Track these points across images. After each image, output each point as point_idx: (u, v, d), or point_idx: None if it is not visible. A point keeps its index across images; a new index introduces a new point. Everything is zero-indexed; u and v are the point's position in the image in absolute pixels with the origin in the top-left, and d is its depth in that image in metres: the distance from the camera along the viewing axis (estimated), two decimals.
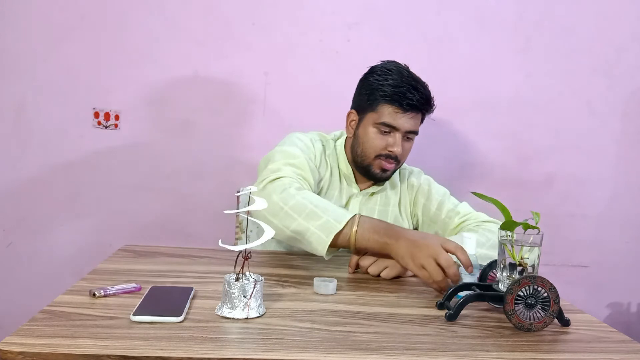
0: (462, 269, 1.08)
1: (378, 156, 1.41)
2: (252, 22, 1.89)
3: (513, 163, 2.04)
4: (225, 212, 1.09)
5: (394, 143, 1.39)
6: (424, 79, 1.42)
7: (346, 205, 1.48)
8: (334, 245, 1.15)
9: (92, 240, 1.90)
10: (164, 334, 0.81)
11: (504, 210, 1.02)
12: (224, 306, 0.90)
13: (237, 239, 1.69)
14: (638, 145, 2.08)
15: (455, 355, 0.82)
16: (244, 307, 0.89)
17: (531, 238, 0.98)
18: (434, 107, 1.42)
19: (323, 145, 1.50)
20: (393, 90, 1.36)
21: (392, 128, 1.38)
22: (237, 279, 0.91)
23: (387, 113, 1.37)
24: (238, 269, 0.92)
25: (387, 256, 1.18)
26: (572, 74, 2.00)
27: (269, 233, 0.93)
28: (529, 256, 0.98)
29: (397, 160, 1.42)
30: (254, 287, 0.90)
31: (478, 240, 1.27)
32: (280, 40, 1.90)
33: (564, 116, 2.03)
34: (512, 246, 0.98)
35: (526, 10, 1.96)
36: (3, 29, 1.82)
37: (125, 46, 1.86)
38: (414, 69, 1.43)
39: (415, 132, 1.42)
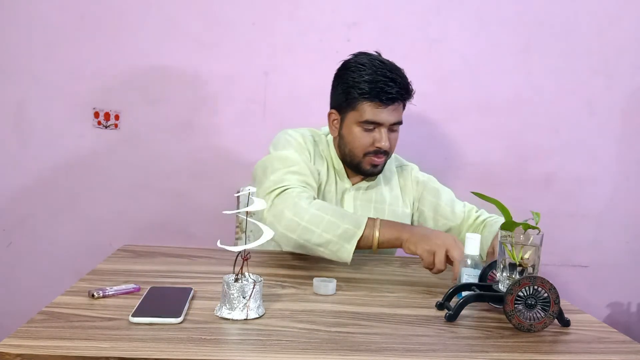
0: (463, 269, 1.08)
1: (367, 154, 1.39)
2: (252, 22, 1.89)
3: (513, 163, 2.04)
4: (224, 212, 1.09)
5: (381, 138, 1.36)
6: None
7: (341, 201, 1.46)
8: (356, 249, 1.20)
9: (92, 240, 1.90)
10: (163, 335, 0.81)
11: (504, 210, 1.01)
12: (223, 307, 0.90)
13: (237, 239, 1.69)
14: (638, 145, 2.08)
15: (455, 356, 0.82)
16: (243, 308, 0.89)
17: (531, 238, 0.98)
18: (413, 92, 1.38)
19: (315, 140, 1.49)
20: (370, 87, 1.32)
21: (376, 124, 1.36)
22: (236, 280, 0.91)
23: (369, 110, 1.34)
24: (237, 269, 0.91)
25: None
26: (572, 74, 2.00)
27: (268, 234, 0.93)
28: (529, 256, 0.98)
29: (386, 153, 1.40)
30: (253, 288, 0.90)
31: None
32: (280, 40, 1.90)
33: (564, 116, 2.03)
34: (512, 246, 0.98)
35: (526, 10, 1.95)
36: (3, 29, 1.82)
37: (125, 46, 1.85)
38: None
39: (400, 122, 1.39)
